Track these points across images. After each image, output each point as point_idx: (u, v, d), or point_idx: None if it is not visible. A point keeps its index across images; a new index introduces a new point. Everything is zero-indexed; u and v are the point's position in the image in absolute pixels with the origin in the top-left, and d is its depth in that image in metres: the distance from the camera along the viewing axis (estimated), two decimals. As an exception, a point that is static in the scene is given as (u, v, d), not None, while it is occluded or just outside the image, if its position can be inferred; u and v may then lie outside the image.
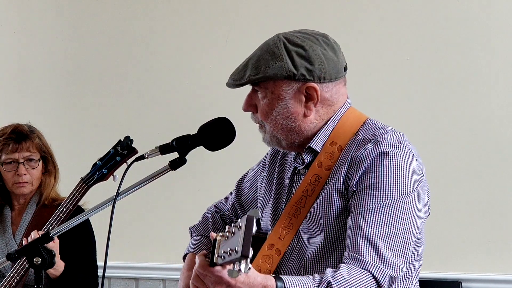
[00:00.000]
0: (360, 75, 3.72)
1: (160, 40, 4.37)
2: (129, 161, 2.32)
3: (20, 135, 3.49)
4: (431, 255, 3.48)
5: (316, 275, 2.15)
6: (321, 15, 3.86)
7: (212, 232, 2.06)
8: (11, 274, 3.18)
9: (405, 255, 2.24)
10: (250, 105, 2.38)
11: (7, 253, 2.33)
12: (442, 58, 3.57)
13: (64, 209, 3.14)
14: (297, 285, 2.11)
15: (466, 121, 3.51)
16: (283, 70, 2.29)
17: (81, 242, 3.45)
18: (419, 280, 2.50)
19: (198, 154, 2.47)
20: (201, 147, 2.33)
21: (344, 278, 2.13)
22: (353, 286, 2.14)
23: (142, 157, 2.32)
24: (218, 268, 1.98)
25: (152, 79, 4.39)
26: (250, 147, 3.85)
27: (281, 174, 2.50)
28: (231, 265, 1.83)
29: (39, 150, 3.51)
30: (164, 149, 2.31)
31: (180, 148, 2.30)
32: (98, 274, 3.54)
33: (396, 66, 3.66)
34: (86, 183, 3.09)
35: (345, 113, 2.39)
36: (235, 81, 2.34)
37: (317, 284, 2.12)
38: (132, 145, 2.96)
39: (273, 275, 2.14)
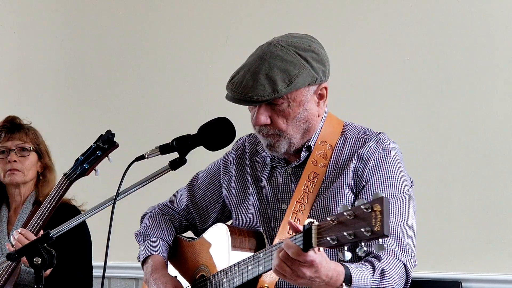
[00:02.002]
0: (360, 75, 3.72)
1: (160, 40, 4.37)
2: (129, 161, 2.32)
3: (14, 125, 3.51)
4: (431, 255, 3.48)
5: (367, 263, 2.25)
6: (321, 15, 3.86)
7: (290, 221, 2.11)
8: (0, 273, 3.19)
9: (414, 245, 2.36)
10: (267, 118, 2.37)
11: (7, 253, 2.33)
12: (442, 58, 3.57)
13: (48, 205, 3.14)
14: (359, 271, 2.20)
15: (466, 121, 3.51)
16: (309, 77, 2.35)
17: (75, 243, 3.44)
18: (419, 280, 2.55)
19: (198, 154, 2.47)
20: (201, 147, 2.33)
21: (390, 267, 2.26)
22: (395, 273, 2.27)
23: (142, 157, 2.32)
24: (311, 253, 2.02)
25: (152, 79, 4.39)
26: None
27: (254, 174, 2.57)
28: (338, 248, 1.90)
29: (32, 142, 3.51)
30: (164, 149, 2.31)
31: (180, 148, 2.31)
32: (96, 274, 3.53)
33: (396, 66, 3.66)
34: (69, 179, 3.09)
35: (328, 115, 2.50)
36: (259, 97, 2.30)
37: (372, 271, 2.23)
38: (114, 139, 2.97)
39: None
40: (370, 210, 1.84)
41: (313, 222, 1.98)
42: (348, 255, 1.90)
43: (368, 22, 3.74)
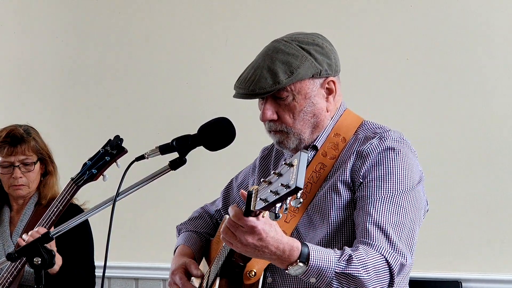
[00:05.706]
0: (360, 75, 3.72)
1: (160, 40, 4.37)
2: (129, 161, 2.32)
3: (15, 139, 3.49)
4: (431, 255, 3.48)
5: (336, 249, 2.16)
6: (321, 15, 3.86)
7: (242, 190, 2.06)
8: (4, 275, 3.18)
9: (411, 246, 2.26)
10: (273, 113, 2.37)
11: (7, 253, 2.33)
12: (442, 58, 3.57)
13: (55, 209, 3.14)
14: (320, 252, 2.11)
15: (466, 120, 3.51)
16: (312, 69, 2.33)
17: (78, 242, 3.45)
18: (419, 280, 2.51)
19: (198, 154, 2.47)
20: (201, 147, 2.33)
21: (363, 256, 2.15)
22: (370, 265, 2.15)
23: (142, 157, 2.32)
24: (252, 218, 1.97)
25: (152, 79, 4.39)
26: (250, 147, 3.85)
27: None
28: (272, 208, 1.84)
29: (35, 152, 3.51)
30: (164, 149, 2.31)
31: (180, 148, 2.30)
32: (96, 274, 3.53)
33: (396, 66, 3.66)
34: (76, 183, 3.08)
35: (343, 113, 2.46)
36: (261, 89, 2.32)
37: (338, 256, 2.13)
38: (122, 145, 2.95)
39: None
40: (289, 166, 1.80)
41: (257, 188, 1.92)
42: (275, 216, 1.85)
43: (368, 22, 3.74)
